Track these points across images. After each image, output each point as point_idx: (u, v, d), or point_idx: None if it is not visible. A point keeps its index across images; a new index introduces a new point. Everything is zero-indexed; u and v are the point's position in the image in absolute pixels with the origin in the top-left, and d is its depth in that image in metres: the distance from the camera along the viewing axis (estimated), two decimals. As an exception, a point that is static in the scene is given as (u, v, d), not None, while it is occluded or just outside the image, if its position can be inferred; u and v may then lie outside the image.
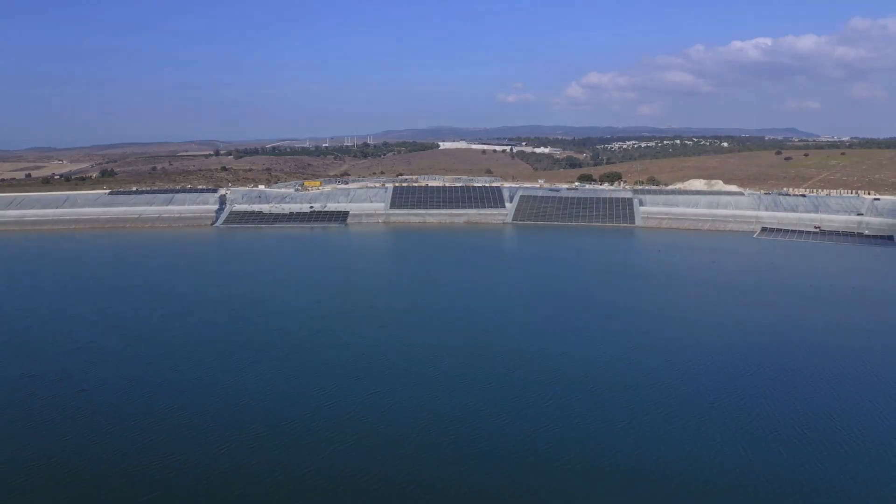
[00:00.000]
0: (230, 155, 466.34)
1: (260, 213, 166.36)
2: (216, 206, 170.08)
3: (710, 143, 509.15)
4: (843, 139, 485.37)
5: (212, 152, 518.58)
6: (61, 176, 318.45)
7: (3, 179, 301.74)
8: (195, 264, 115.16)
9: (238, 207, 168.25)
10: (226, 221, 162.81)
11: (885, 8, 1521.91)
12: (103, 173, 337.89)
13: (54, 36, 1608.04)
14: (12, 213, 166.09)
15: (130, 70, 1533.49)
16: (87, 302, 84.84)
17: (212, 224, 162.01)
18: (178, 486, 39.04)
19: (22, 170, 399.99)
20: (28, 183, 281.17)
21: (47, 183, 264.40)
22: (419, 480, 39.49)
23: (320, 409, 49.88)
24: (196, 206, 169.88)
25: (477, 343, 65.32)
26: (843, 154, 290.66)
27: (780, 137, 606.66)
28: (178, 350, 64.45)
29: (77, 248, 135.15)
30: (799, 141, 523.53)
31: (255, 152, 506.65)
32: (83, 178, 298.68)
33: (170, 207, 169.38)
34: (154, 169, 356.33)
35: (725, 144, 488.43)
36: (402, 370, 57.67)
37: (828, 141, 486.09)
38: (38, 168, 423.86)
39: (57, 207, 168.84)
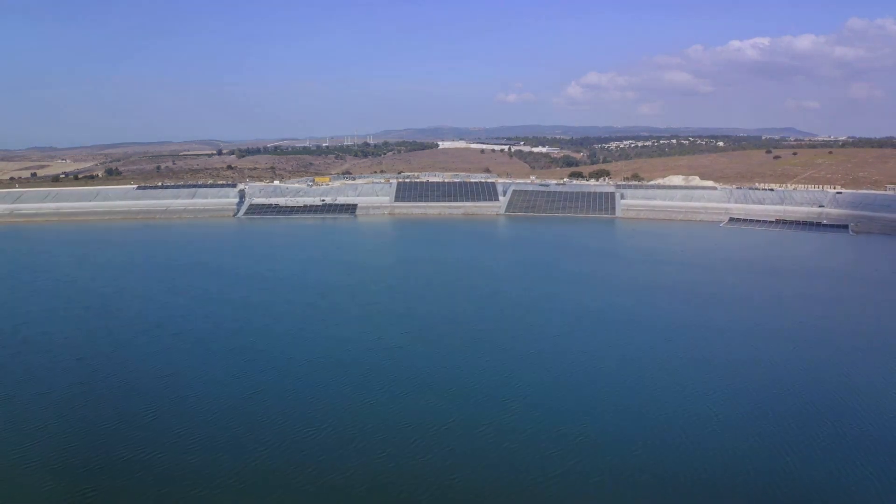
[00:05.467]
0: (233, 154, 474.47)
1: (277, 205, 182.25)
2: (236, 200, 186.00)
3: (707, 142, 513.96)
4: (840, 138, 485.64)
5: (214, 151, 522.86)
6: (67, 175, 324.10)
7: (11, 178, 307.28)
8: (237, 246, 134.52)
9: (257, 200, 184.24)
10: (246, 213, 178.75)
11: (882, 8, 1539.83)
12: (109, 172, 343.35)
13: (54, 36, 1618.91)
14: (50, 206, 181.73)
15: (130, 70, 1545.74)
16: (159, 278, 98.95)
17: (233, 215, 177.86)
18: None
19: (27, 169, 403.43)
20: (36, 182, 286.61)
21: (56, 181, 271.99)
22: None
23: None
24: (218, 200, 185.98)
25: (476, 306, 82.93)
26: (830, 153, 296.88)
27: (777, 137, 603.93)
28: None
29: (120, 235, 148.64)
30: (794, 140, 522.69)
31: (256, 151, 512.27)
32: (90, 177, 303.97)
33: (194, 200, 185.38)
34: (159, 168, 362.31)
35: (721, 144, 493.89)
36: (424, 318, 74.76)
37: (822, 140, 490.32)
38: (42, 167, 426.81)
39: (90, 200, 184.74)
